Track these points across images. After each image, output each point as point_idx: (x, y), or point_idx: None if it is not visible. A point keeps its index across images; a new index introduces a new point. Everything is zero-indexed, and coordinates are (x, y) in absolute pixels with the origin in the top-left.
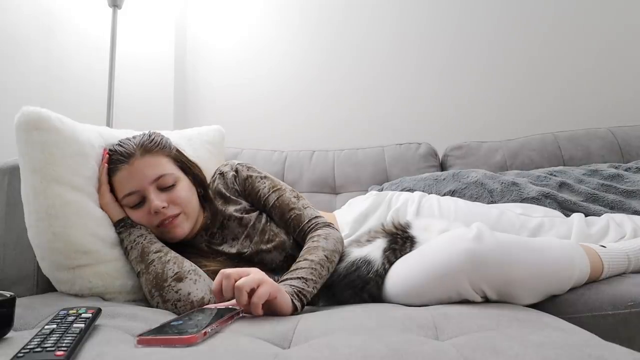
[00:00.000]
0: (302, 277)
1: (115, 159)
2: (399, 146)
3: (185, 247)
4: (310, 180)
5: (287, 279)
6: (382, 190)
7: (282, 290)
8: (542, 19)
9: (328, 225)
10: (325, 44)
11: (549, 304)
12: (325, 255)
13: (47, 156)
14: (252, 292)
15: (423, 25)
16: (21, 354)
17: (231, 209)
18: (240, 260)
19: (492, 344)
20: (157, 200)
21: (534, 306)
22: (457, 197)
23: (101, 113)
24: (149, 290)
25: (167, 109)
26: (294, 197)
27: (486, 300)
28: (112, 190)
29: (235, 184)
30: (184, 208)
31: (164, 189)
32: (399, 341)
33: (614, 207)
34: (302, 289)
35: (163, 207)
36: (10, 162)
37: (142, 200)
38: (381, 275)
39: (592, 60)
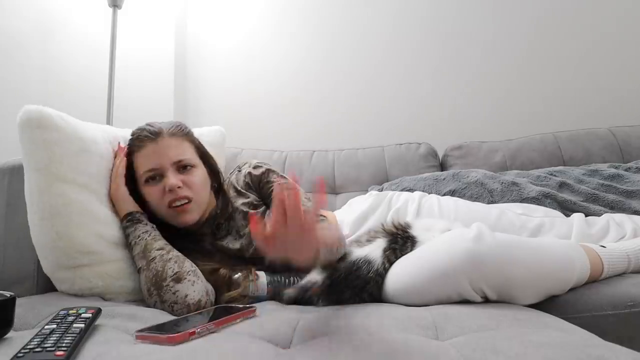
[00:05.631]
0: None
1: (143, 136)
2: (399, 146)
3: (186, 242)
4: (310, 181)
5: None
6: (382, 190)
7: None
8: (542, 19)
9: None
10: (326, 43)
11: (549, 304)
12: None
13: (51, 154)
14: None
15: (423, 25)
16: (21, 354)
17: (239, 202)
18: (240, 260)
19: (492, 344)
20: (173, 179)
21: (534, 306)
22: (457, 197)
23: (101, 113)
24: (148, 288)
25: (167, 108)
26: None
27: (486, 300)
28: (130, 167)
29: (248, 177)
30: (196, 194)
31: (182, 172)
32: (399, 341)
33: (614, 207)
34: None
35: (178, 187)
36: (10, 162)
37: (160, 179)
38: (381, 274)
39: (592, 60)
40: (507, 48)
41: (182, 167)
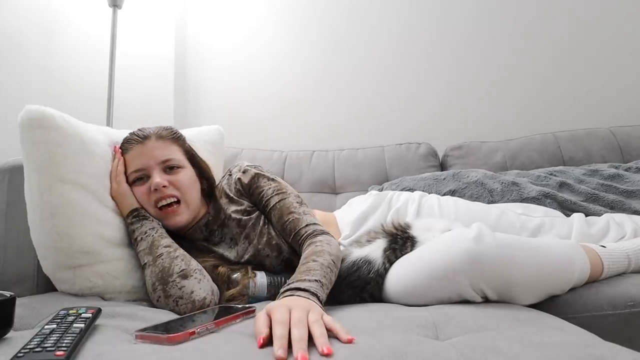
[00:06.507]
0: (319, 281)
1: (132, 139)
2: (399, 146)
3: (182, 242)
4: (310, 181)
5: (304, 279)
6: (382, 190)
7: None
8: (542, 21)
9: (327, 233)
10: (326, 44)
11: (549, 304)
12: (332, 260)
13: (52, 155)
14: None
15: (423, 26)
16: (21, 354)
17: (232, 209)
18: (236, 262)
19: (492, 344)
20: (158, 178)
21: (534, 306)
22: (457, 196)
23: (101, 113)
24: (152, 283)
25: (167, 109)
26: (297, 202)
27: (486, 301)
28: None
29: (238, 184)
30: (184, 194)
31: (169, 172)
32: (399, 341)
33: (614, 207)
34: (320, 296)
35: (163, 186)
36: (10, 161)
37: (147, 179)
38: (382, 275)
39: (592, 60)
40: (507, 49)
41: (169, 168)
